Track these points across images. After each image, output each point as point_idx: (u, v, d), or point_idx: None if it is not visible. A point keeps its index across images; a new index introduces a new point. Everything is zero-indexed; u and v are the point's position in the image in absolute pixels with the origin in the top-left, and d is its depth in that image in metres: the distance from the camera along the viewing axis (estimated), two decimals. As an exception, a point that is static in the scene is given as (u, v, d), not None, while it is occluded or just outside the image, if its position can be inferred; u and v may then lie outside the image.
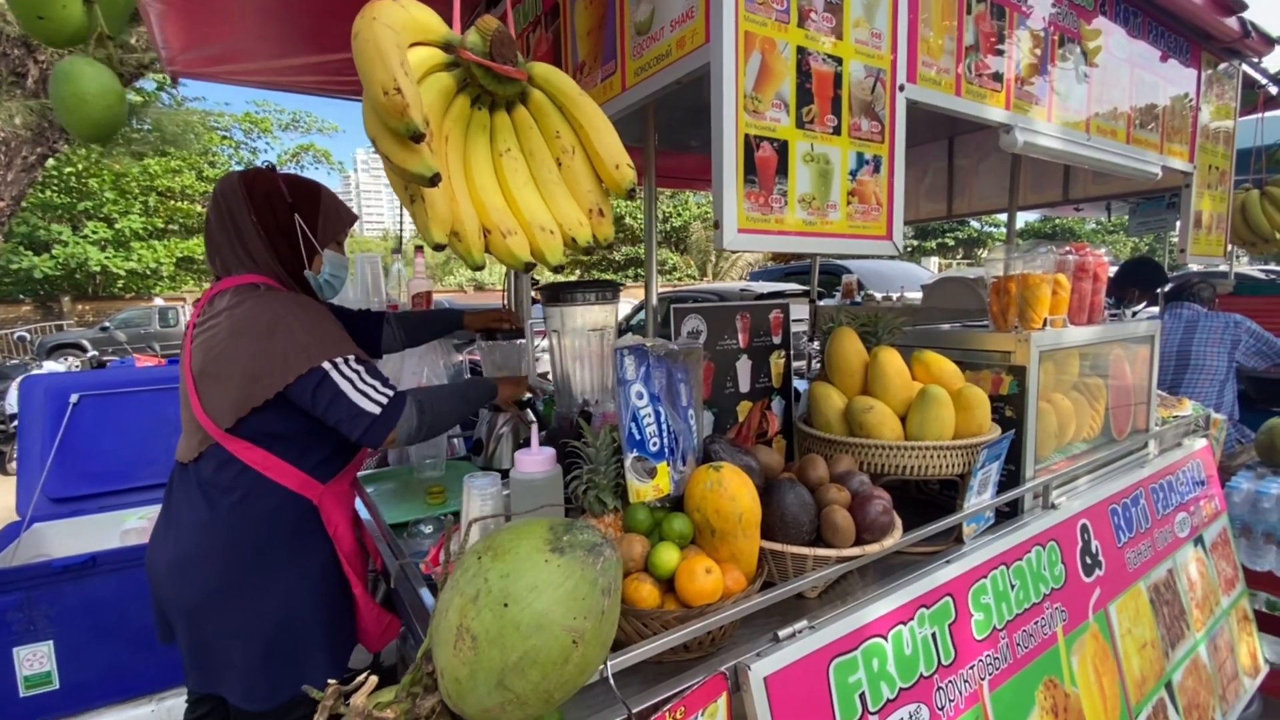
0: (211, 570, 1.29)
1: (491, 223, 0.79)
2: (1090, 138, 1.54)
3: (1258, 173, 2.76)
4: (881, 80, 1.09)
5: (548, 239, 0.81)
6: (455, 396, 1.45)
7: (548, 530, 0.77)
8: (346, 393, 1.22)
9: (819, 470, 1.28)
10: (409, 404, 1.29)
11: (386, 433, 1.26)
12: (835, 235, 1.06)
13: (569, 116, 0.90)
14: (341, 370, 1.23)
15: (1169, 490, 2.02)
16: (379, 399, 1.25)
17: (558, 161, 0.88)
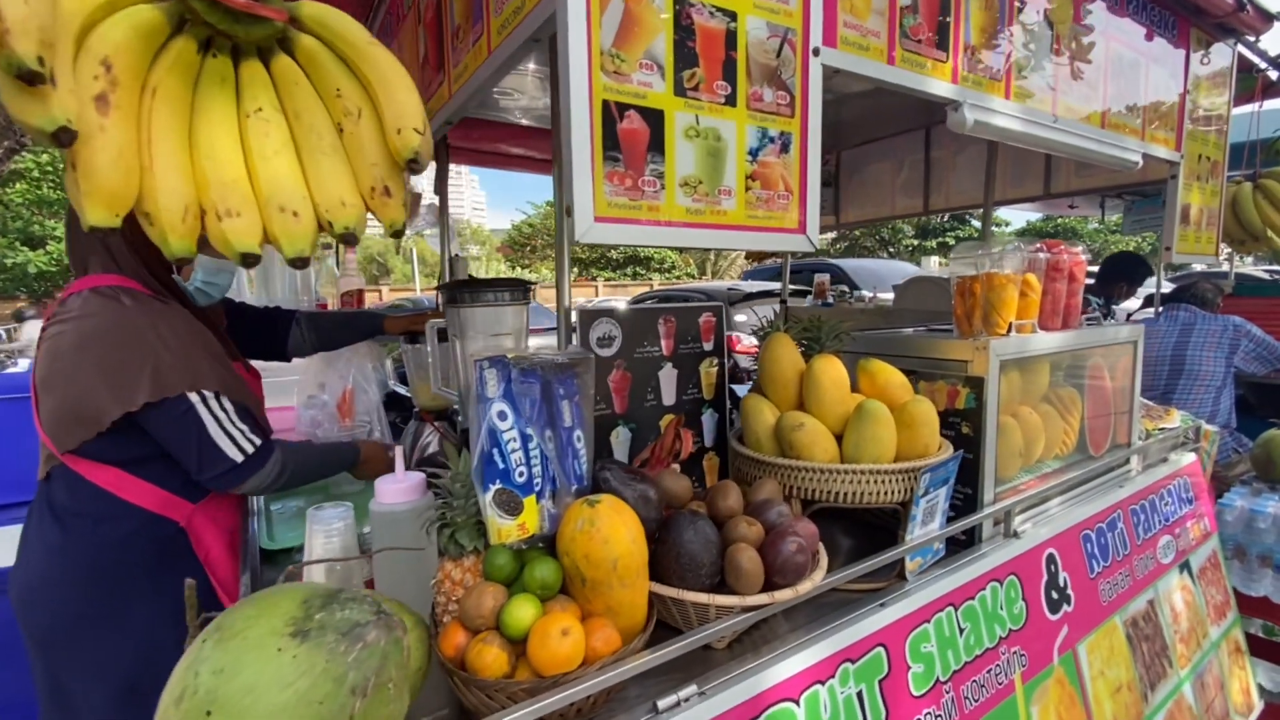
0: (61, 598, 1.16)
1: (210, 200, 0.62)
2: (1058, 120, 1.36)
3: (1250, 167, 2.57)
4: (790, 41, 0.92)
5: (287, 222, 0.64)
6: (319, 458, 1.35)
7: (300, 605, 0.60)
8: (210, 431, 1.09)
9: (729, 500, 1.11)
10: (274, 457, 1.18)
11: (241, 482, 1.14)
12: (729, 227, 0.89)
13: (356, 71, 0.72)
14: (210, 405, 1.09)
15: (1151, 511, 1.84)
16: (245, 445, 1.13)
17: (339, 127, 0.71)
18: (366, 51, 0.71)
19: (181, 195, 0.61)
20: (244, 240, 0.62)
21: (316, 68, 0.71)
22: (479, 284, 1.40)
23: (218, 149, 0.64)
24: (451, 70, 1.21)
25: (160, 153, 0.61)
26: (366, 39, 0.72)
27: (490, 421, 0.92)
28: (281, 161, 0.65)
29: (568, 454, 1.02)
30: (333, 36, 0.72)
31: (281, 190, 0.64)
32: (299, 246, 0.64)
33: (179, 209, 0.60)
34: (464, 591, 0.91)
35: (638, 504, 1.02)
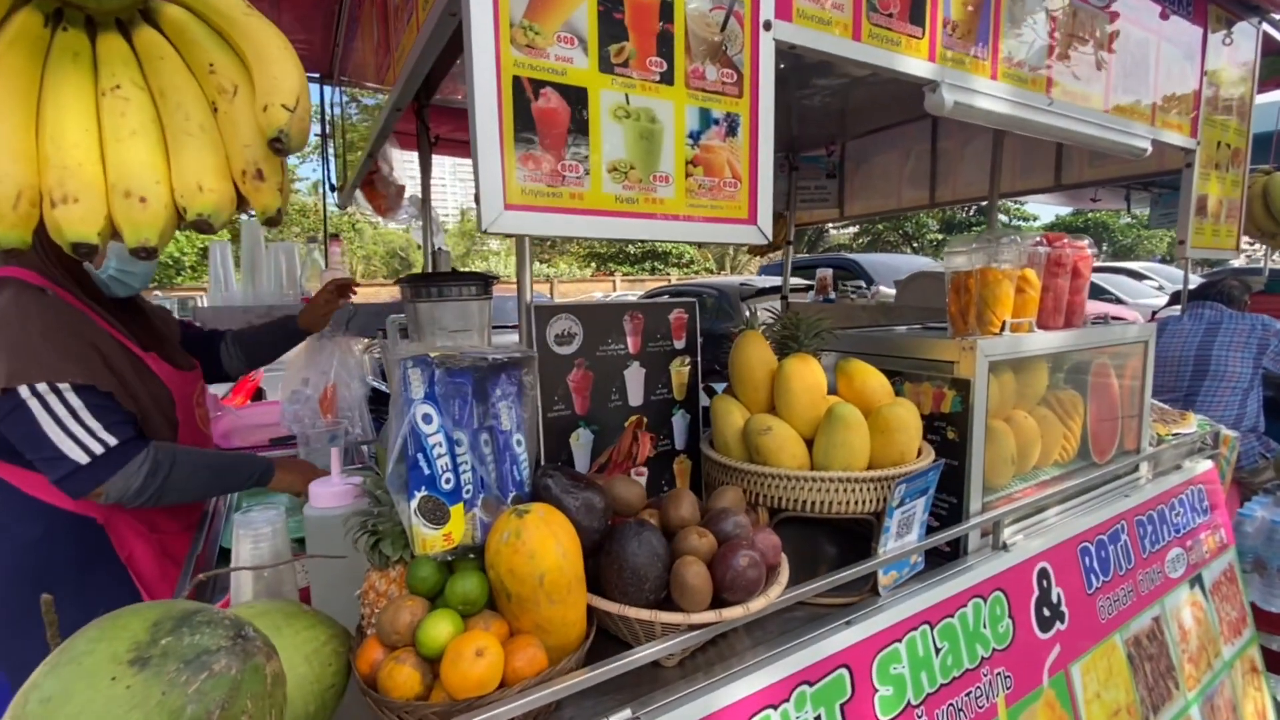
0: None
1: (47, 185, 0.57)
2: (1053, 102, 1.26)
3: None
4: (736, 14, 0.84)
5: (132, 209, 0.58)
6: (213, 469, 1.20)
7: (148, 628, 0.54)
8: (44, 429, 0.99)
9: (682, 509, 1.04)
10: (141, 459, 1.07)
11: (93, 485, 1.03)
12: (668, 217, 0.82)
13: (232, 44, 0.67)
14: (46, 400, 0.99)
15: (1160, 522, 1.73)
16: (91, 445, 1.02)
17: (213, 105, 0.65)
18: (240, 22, 0.66)
19: (14, 180, 0.56)
20: (76, 229, 0.57)
21: (186, 41, 0.66)
22: (438, 278, 1.34)
23: (64, 130, 0.59)
24: (394, 52, 1.16)
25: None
26: (243, 9, 0.66)
27: (414, 424, 0.86)
28: (137, 143, 0.60)
29: (505, 459, 0.96)
30: (204, 6, 0.66)
31: (129, 174, 0.59)
32: (143, 235, 0.59)
33: (9, 195, 0.55)
34: (385, 604, 0.86)
35: (580, 513, 0.96)
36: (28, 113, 0.59)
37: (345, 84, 2.24)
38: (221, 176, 0.62)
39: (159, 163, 0.61)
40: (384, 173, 2.28)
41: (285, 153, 0.61)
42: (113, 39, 0.64)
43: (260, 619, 0.80)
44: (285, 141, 0.61)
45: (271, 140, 0.62)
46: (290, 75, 0.66)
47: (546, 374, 1.23)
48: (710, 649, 1.06)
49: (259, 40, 0.66)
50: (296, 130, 0.62)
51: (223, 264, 2.35)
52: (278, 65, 0.65)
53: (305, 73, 0.70)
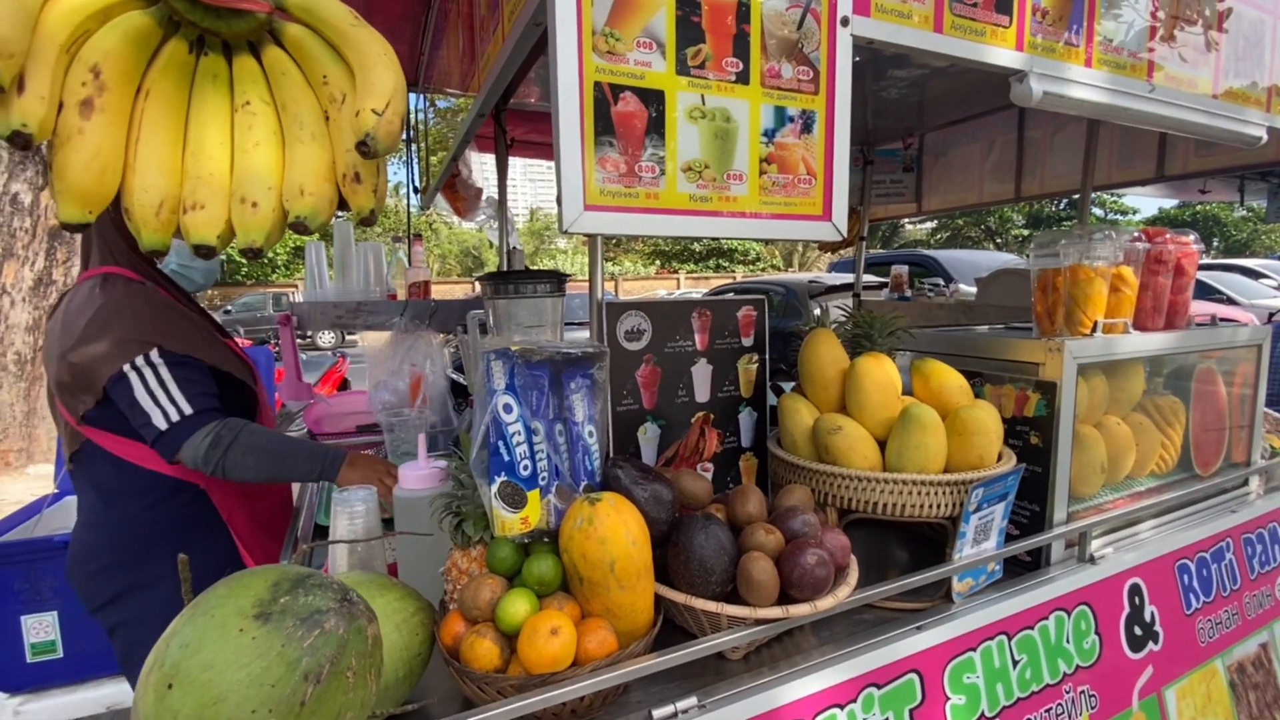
0: (104, 570, 1.25)
1: (184, 194, 0.64)
2: (1155, 88, 1.18)
3: None
4: (814, 11, 0.84)
5: (245, 213, 0.64)
6: (273, 455, 1.23)
7: (269, 587, 0.61)
8: (138, 397, 1.11)
9: (749, 505, 1.05)
10: (206, 430, 1.15)
11: (173, 449, 1.14)
12: (741, 215, 0.83)
13: (343, 55, 0.72)
14: (143, 373, 1.11)
15: (1271, 542, 1.59)
16: (170, 412, 1.12)
17: (326, 115, 0.71)
18: (348, 34, 0.71)
19: (159, 191, 0.64)
20: (200, 232, 0.64)
21: (305, 56, 0.73)
22: (514, 276, 1.40)
23: (204, 144, 0.67)
24: (479, 60, 1.22)
25: (144, 151, 0.64)
26: (350, 20, 0.72)
27: (495, 413, 0.91)
28: (260, 153, 0.67)
29: (578, 449, 1.00)
30: (318, 22, 0.73)
31: (247, 181, 0.65)
32: (250, 237, 0.65)
33: (154, 204, 0.63)
34: (467, 581, 0.92)
35: (649, 504, 0.99)
36: (176, 130, 0.68)
37: (429, 90, 2.36)
38: (325, 180, 0.68)
39: (274, 170, 0.67)
40: (464, 175, 2.38)
41: (371, 155, 0.65)
42: (245, 59, 0.72)
43: (358, 587, 0.87)
44: (371, 144, 0.65)
45: (358, 144, 0.66)
46: (384, 81, 0.70)
47: (616, 369, 1.26)
48: (775, 645, 1.07)
49: (363, 49, 0.72)
50: (384, 134, 0.66)
51: (317, 262, 2.53)
52: (375, 71, 0.71)
53: (404, 78, 0.75)
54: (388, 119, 0.66)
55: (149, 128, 0.65)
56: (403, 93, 0.70)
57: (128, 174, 0.64)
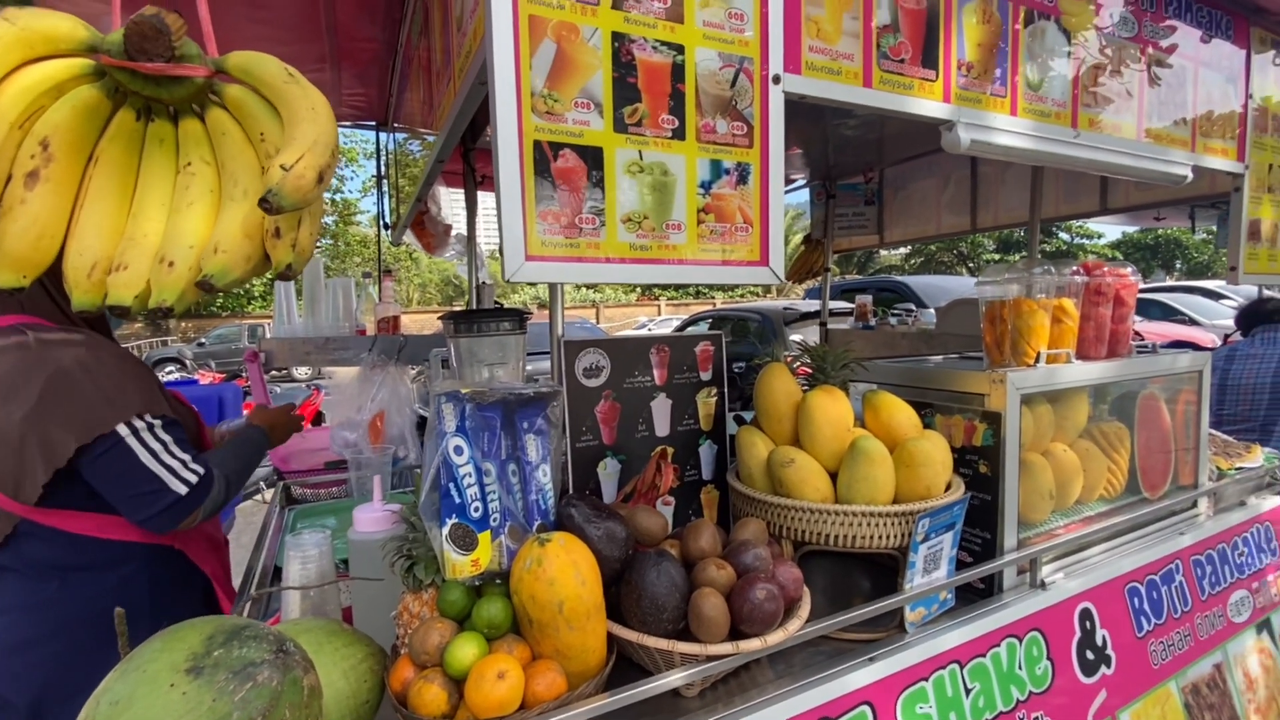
0: (53, 655, 1.11)
1: (114, 255, 0.65)
2: (1080, 133, 1.25)
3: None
4: (746, 71, 0.89)
5: (160, 273, 0.65)
6: (245, 456, 1.27)
7: (203, 640, 0.61)
8: (144, 462, 1.03)
9: (702, 540, 1.07)
10: (218, 477, 1.13)
11: (186, 515, 1.07)
12: (680, 262, 0.86)
13: (278, 112, 0.75)
14: (142, 436, 1.04)
15: (1221, 563, 1.64)
16: (187, 476, 1.06)
17: (264, 171, 0.73)
18: (281, 90, 0.73)
19: (94, 253, 0.65)
20: (117, 293, 0.64)
21: (244, 115, 0.75)
22: (475, 315, 1.42)
23: (145, 206, 0.68)
24: (436, 110, 1.26)
25: (85, 216, 0.66)
26: (283, 77, 0.74)
27: (446, 455, 0.93)
28: (192, 212, 0.68)
29: (531, 489, 1.02)
30: (256, 81, 0.75)
31: (170, 240, 0.66)
32: (161, 296, 0.64)
33: (86, 266, 0.65)
34: (418, 625, 0.92)
35: (602, 543, 1.00)
36: (124, 195, 0.69)
37: (399, 130, 2.40)
38: (245, 237, 0.68)
39: (200, 229, 0.68)
40: (432, 213, 2.41)
41: (274, 210, 0.64)
42: (190, 122, 0.75)
43: (304, 635, 0.87)
44: (273, 200, 0.64)
45: (260, 200, 0.65)
46: (303, 135, 0.70)
47: (575, 405, 1.28)
48: (732, 680, 1.07)
49: (292, 104, 0.73)
50: (290, 189, 0.65)
51: (286, 298, 2.52)
52: (297, 126, 0.71)
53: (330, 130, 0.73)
54: (297, 173, 0.65)
55: (94, 194, 0.67)
56: (324, 145, 0.69)
57: (68, 238, 0.65)
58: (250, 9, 1.81)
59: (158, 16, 0.67)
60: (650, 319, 25.06)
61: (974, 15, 1.09)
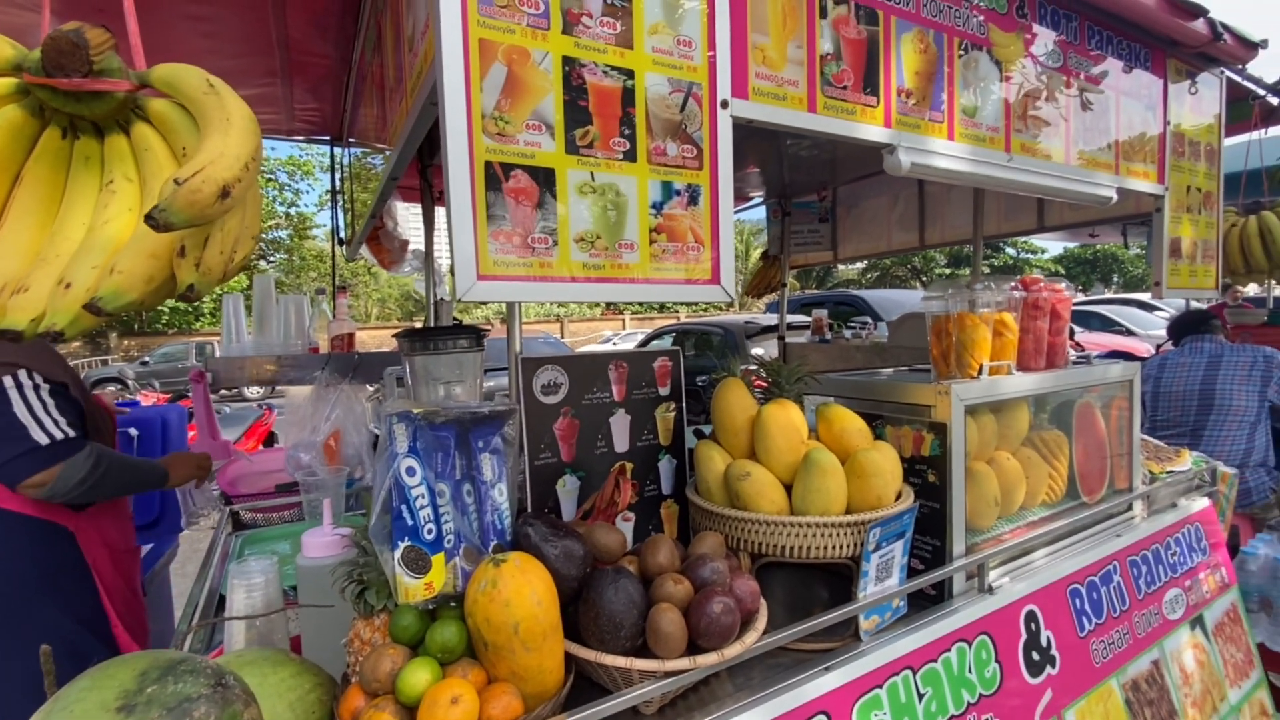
0: None
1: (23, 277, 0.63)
2: (1012, 158, 1.33)
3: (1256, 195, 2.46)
4: (695, 96, 0.91)
5: (57, 295, 0.62)
6: (131, 468, 1.32)
7: (135, 677, 0.59)
8: (15, 410, 1.07)
9: (660, 556, 1.08)
10: (87, 452, 1.15)
11: (38, 468, 1.09)
12: (634, 281, 0.88)
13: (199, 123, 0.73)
14: (23, 387, 1.09)
15: (1155, 563, 1.72)
16: (54, 431, 1.11)
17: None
18: (200, 102, 0.71)
19: (3, 275, 0.63)
20: (12, 316, 0.60)
21: (168, 129, 0.73)
22: (432, 333, 1.41)
23: (65, 226, 0.66)
24: (390, 127, 1.25)
25: (3, 237, 0.63)
26: (203, 88, 0.72)
27: (398, 477, 0.91)
28: (104, 232, 0.65)
29: (487, 509, 1.01)
30: (178, 94, 0.72)
31: (74, 262, 0.63)
32: (52, 319, 0.61)
33: None
34: (369, 652, 0.90)
35: (559, 561, 1.00)
36: (47, 215, 0.66)
37: (355, 145, 2.37)
38: (150, 257, 0.65)
39: (108, 249, 0.65)
40: (388, 228, 2.38)
41: (161, 228, 0.61)
42: (117, 139, 0.72)
43: (247, 668, 0.84)
44: (158, 216, 0.60)
45: (145, 216, 0.61)
46: (208, 147, 0.66)
47: (533, 422, 1.27)
48: (692, 695, 1.08)
49: (208, 115, 0.70)
50: (180, 204, 0.61)
51: (235, 315, 2.45)
52: (206, 139, 0.68)
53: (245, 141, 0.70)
54: (191, 188, 0.61)
55: (15, 215, 0.64)
56: (232, 157, 0.66)
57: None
58: (197, 22, 1.77)
59: (76, 31, 0.65)
60: (615, 333, 25.10)
61: (912, 45, 1.15)
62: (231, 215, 0.67)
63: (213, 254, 0.65)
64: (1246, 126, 2.28)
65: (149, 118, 0.74)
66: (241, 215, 0.69)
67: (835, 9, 1.06)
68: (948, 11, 1.21)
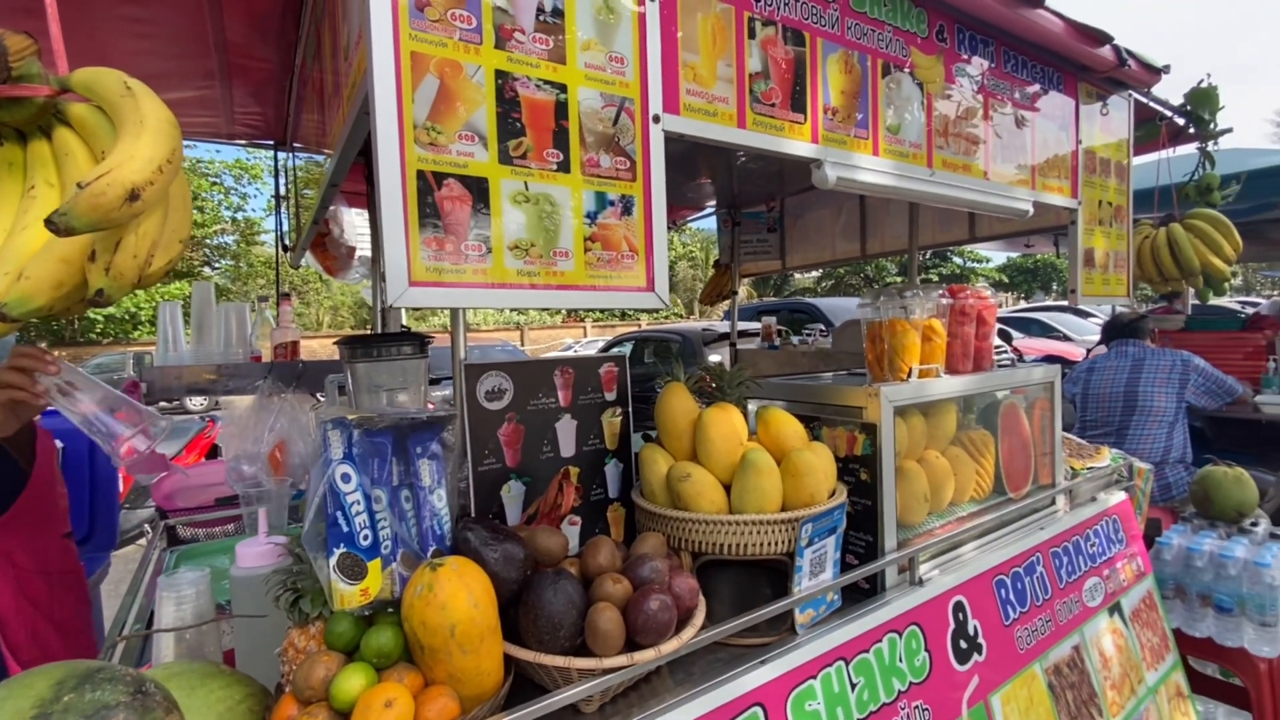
0: None
1: None
2: (934, 173, 1.41)
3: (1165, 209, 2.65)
4: (628, 110, 0.95)
5: None
6: None
7: (52, 686, 0.58)
8: None
9: (600, 557, 1.10)
10: None
11: None
12: (570, 288, 0.90)
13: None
14: None
15: (1076, 553, 1.83)
16: None
17: None
18: (117, 105, 0.70)
19: None
20: None
21: (88, 133, 0.72)
22: (374, 340, 1.40)
23: None
24: (328, 134, 1.25)
25: None
26: (120, 90, 0.71)
27: (332, 483, 0.91)
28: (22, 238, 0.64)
29: (425, 514, 1.01)
30: (97, 97, 0.72)
31: None
32: None
33: None
34: (303, 660, 0.89)
35: (499, 565, 1.01)
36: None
37: (298, 150, 2.33)
38: (61, 262, 0.64)
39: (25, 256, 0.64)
40: (334, 235, 2.35)
41: (63, 232, 0.60)
42: (39, 144, 0.71)
43: (174, 679, 0.83)
44: (59, 221, 0.59)
45: (46, 220, 0.60)
46: (118, 151, 0.65)
47: (477, 428, 1.28)
48: (632, 693, 1.10)
49: (123, 118, 0.70)
50: (82, 209, 0.60)
51: (172, 323, 2.37)
52: (118, 141, 0.67)
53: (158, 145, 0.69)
54: (94, 191, 0.60)
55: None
56: (144, 160, 0.65)
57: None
58: (131, 24, 1.73)
59: (-8, 36, 0.64)
60: (577, 340, 25.03)
61: (837, 66, 1.22)
62: (147, 218, 0.66)
63: (124, 258, 0.64)
64: (1156, 145, 2.46)
65: (70, 122, 0.73)
66: (162, 219, 0.69)
67: (763, 30, 1.12)
68: (871, 35, 1.28)
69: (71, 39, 0.72)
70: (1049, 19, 1.54)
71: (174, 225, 0.71)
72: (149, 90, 0.72)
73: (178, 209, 0.71)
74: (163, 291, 20.12)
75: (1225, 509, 2.30)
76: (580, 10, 0.91)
